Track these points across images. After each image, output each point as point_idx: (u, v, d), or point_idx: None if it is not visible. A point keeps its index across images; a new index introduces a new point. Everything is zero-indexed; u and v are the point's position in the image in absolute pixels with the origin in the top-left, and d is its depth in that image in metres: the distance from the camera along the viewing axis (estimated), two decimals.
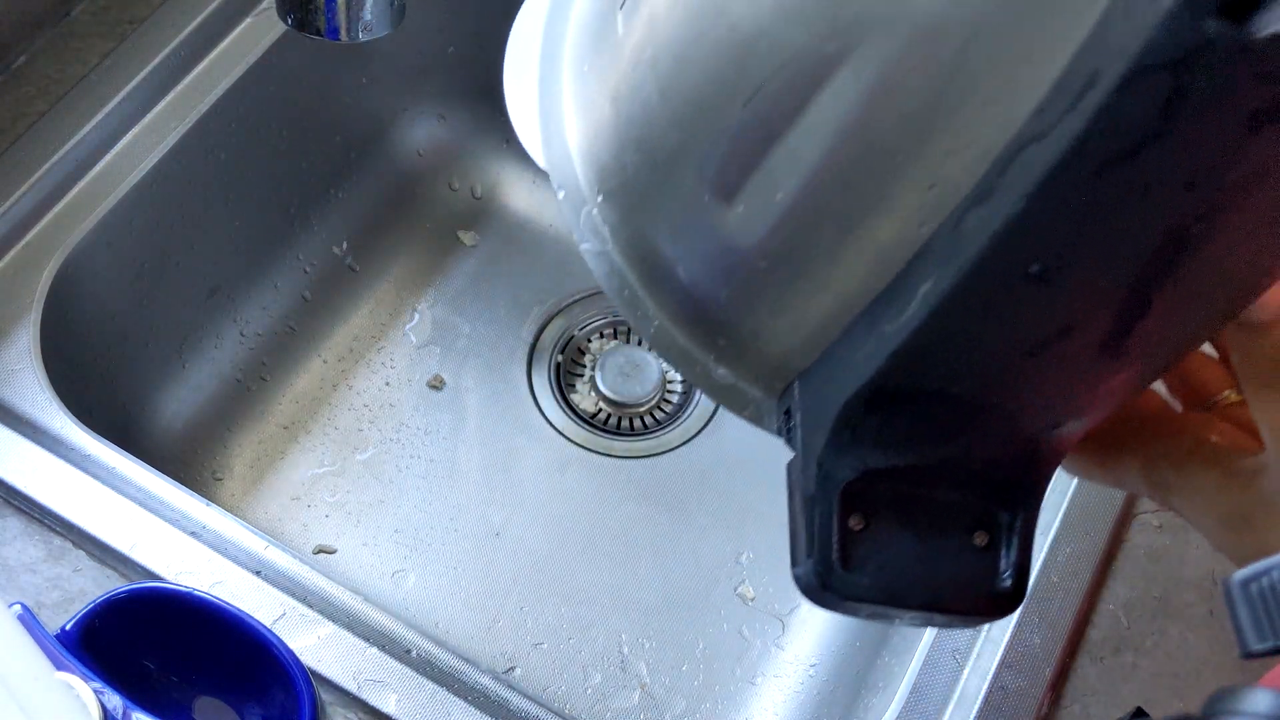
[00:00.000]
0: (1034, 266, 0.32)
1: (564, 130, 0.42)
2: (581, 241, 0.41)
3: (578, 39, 0.42)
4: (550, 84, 0.43)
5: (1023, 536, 0.38)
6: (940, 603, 0.38)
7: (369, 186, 0.90)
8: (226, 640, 0.56)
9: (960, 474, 0.38)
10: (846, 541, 0.38)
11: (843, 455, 0.37)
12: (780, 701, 0.76)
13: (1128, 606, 0.61)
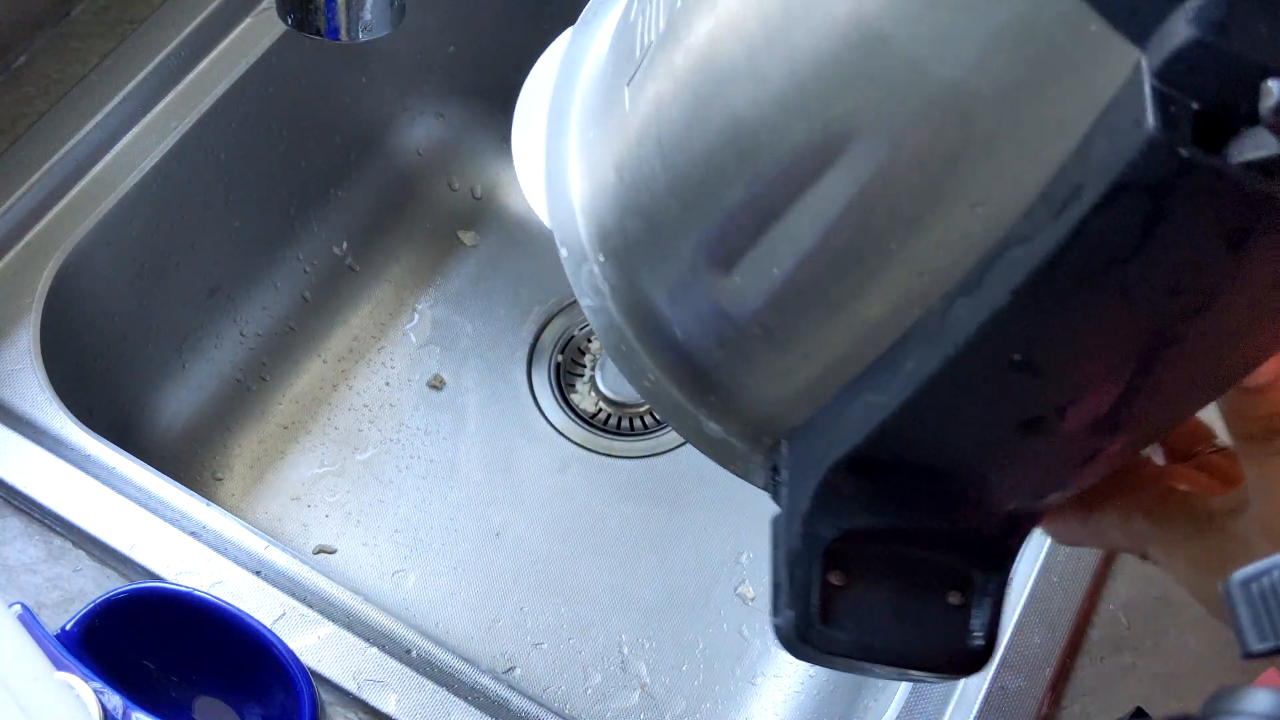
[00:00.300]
0: (1017, 356, 0.33)
1: (569, 191, 0.43)
2: (581, 297, 0.42)
3: (585, 105, 0.43)
4: (557, 144, 0.44)
5: (995, 597, 0.39)
6: (913, 660, 0.40)
7: (369, 186, 0.90)
8: (226, 640, 0.56)
9: (939, 537, 0.39)
10: (827, 597, 0.39)
11: (827, 515, 0.39)
12: (780, 701, 0.76)
13: (1128, 606, 0.61)
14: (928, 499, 0.39)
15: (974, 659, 0.40)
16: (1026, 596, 0.61)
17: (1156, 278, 0.30)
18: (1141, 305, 0.31)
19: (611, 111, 0.41)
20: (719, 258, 0.37)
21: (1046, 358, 0.33)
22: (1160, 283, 0.31)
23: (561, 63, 0.47)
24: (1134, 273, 0.30)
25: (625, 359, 0.42)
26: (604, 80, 0.42)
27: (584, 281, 0.43)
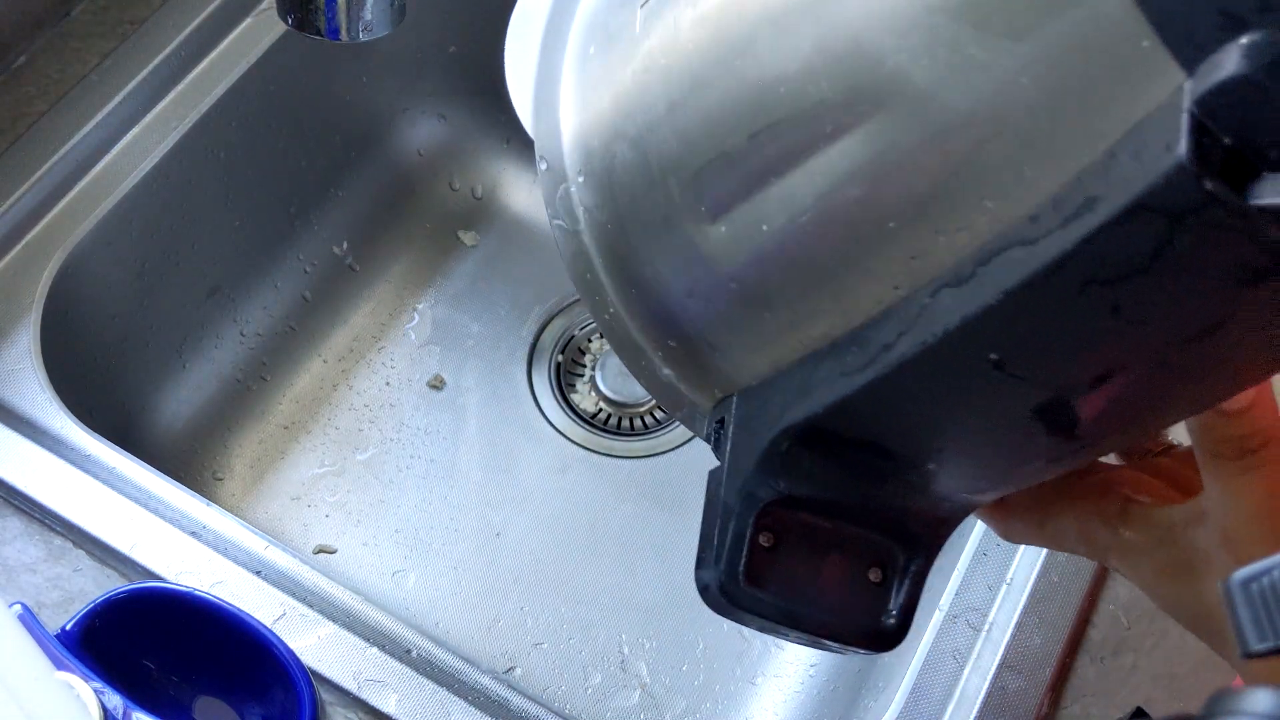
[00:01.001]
0: (994, 355, 0.33)
1: (557, 106, 0.41)
2: (554, 218, 0.41)
3: (589, 19, 0.41)
4: (551, 54, 0.42)
5: (914, 580, 0.40)
6: (827, 629, 0.40)
7: (369, 186, 0.90)
8: (226, 640, 0.56)
9: (871, 514, 0.40)
10: (754, 558, 0.40)
11: (768, 477, 0.39)
12: (780, 701, 0.76)
13: (1128, 606, 0.61)
14: (870, 478, 0.38)
15: (886, 638, 0.40)
16: (1026, 596, 0.61)
17: (1154, 302, 0.30)
18: (1133, 327, 0.31)
19: (618, 31, 0.39)
20: (709, 204, 0.36)
21: (1024, 363, 0.33)
22: (1157, 308, 0.30)
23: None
24: (1132, 293, 0.30)
25: (588, 288, 0.41)
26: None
27: (559, 201, 0.41)
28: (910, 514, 0.39)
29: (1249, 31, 0.25)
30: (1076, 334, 0.32)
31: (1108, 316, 0.31)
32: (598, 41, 0.40)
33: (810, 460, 0.38)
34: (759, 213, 0.35)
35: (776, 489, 0.39)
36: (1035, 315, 0.31)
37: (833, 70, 0.32)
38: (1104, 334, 0.31)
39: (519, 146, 0.94)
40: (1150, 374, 0.33)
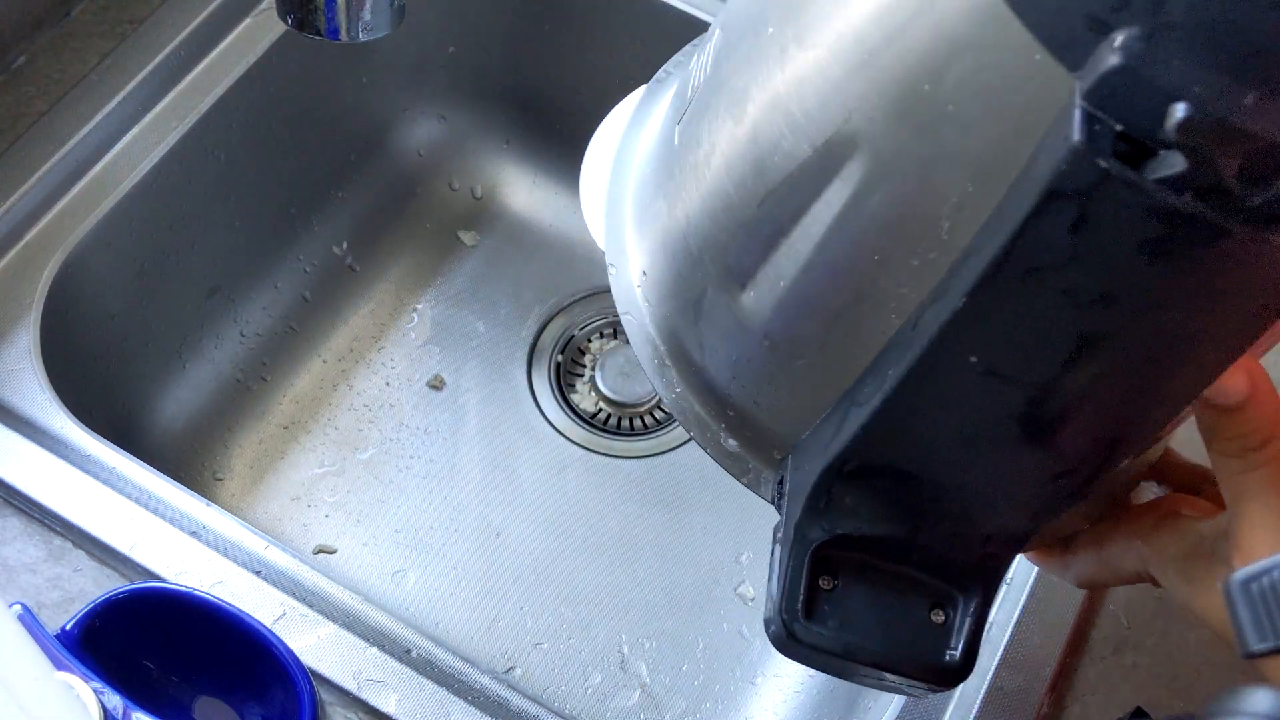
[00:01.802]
0: (973, 358, 0.36)
1: (623, 218, 0.49)
2: (622, 314, 0.47)
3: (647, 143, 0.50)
4: (619, 178, 0.51)
5: (975, 620, 0.42)
6: (891, 664, 0.42)
7: (369, 186, 0.90)
8: (226, 640, 0.56)
9: (925, 555, 0.42)
10: (813, 596, 0.42)
11: (817, 519, 0.42)
12: (780, 701, 0.76)
13: (1128, 606, 0.61)
14: (908, 509, 0.41)
15: (949, 674, 0.42)
16: (1026, 596, 0.61)
17: (1086, 284, 0.33)
18: (1074, 310, 0.34)
19: (664, 147, 0.46)
20: (737, 272, 0.42)
21: (1000, 360, 0.36)
22: (1090, 289, 0.33)
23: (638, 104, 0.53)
24: (1065, 277, 0.33)
25: (657, 371, 0.47)
26: (663, 121, 0.48)
27: (625, 297, 0.47)
28: (959, 551, 0.42)
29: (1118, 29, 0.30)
30: (1034, 323, 0.35)
31: (1053, 304, 0.34)
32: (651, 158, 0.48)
33: (851, 496, 0.41)
34: (776, 271, 0.40)
35: (826, 529, 0.42)
36: (997, 310, 0.35)
37: (810, 131, 0.37)
38: (1056, 320, 0.35)
39: (519, 147, 0.94)
40: (1113, 358, 0.36)
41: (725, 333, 0.44)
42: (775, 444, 0.45)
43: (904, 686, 0.44)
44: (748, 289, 0.42)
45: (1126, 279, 0.33)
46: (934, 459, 0.40)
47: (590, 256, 0.92)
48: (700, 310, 0.44)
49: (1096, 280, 0.33)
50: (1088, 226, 0.32)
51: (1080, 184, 0.31)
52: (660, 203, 0.46)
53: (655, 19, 0.82)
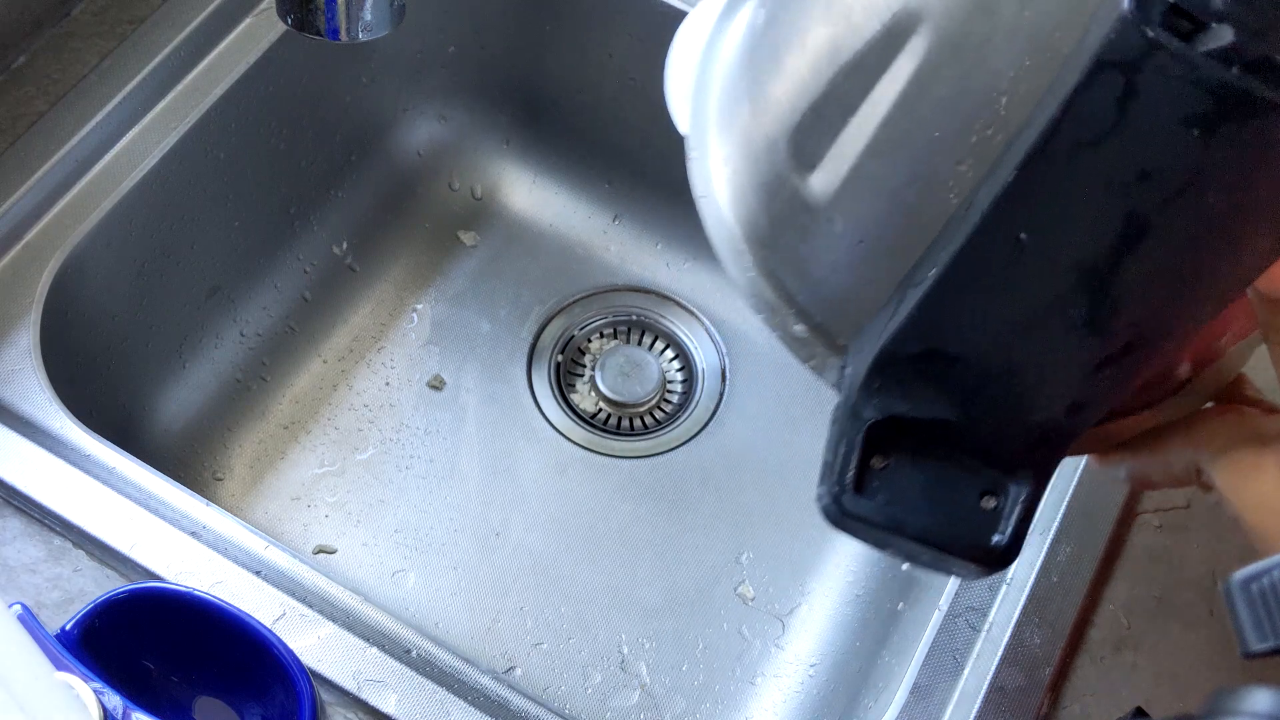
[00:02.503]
0: (1021, 234, 0.37)
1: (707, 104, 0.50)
2: (701, 196, 0.49)
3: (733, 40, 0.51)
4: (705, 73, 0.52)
5: (1025, 508, 0.43)
6: (936, 539, 0.43)
7: (369, 186, 0.90)
8: (226, 640, 0.56)
9: (976, 442, 0.43)
10: (863, 471, 0.43)
11: (872, 399, 0.43)
12: (780, 701, 0.76)
13: (1128, 606, 0.61)
14: (960, 394, 0.42)
15: (995, 554, 0.43)
16: (1026, 596, 0.61)
17: (1130, 158, 0.34)
18: (1120, 187, 0.35)
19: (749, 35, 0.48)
20: (807, 155, 0.43)
21: (1045, 238, 0.37)
22: (1133, 164, 0.34)
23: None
24: (1111, 151, 0.34)
25: (732, 255, 0.48)
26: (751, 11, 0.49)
27: (703, 182, 0.49)
28: (1010, 441, 0.43)
29: None
30: (1081, 201, 0.36)
31: (1101, 179, 0.35)
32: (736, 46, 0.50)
33: (905, 378, 0.42)
34: (842, 150, 0.42)
35: (881, 409, 0.43)
36: (1045, 186, 0.36)
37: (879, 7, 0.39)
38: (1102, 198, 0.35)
39: (519, 147, 0.94)
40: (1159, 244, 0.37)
41: (796, 216, 0.45)
42: (840, 330, 0.46)
43: (950, 566, 0.44)
44: (817, 171, 0.43)
45: (1171, 155, 0.34)
46: (983, 341, 0.41)
47: (589, 256, 0.92)
48: (774, 195, 0.46)
49: (1142, 156, 0.34)
50: (1135, 99, 0.33)
51: (1128, 54, 0.32)
52: (743, 87, 0.48)
53: (655, 19, 0.82)
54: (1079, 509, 0.63)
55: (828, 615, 0.79)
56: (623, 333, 0.90)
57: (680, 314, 0.90)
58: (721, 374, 0.88)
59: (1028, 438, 0.43)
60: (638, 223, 0.92)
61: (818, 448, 0.85)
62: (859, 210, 0.43)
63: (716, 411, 0.86)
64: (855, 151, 0.42)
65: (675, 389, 0.88)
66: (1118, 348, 0.40)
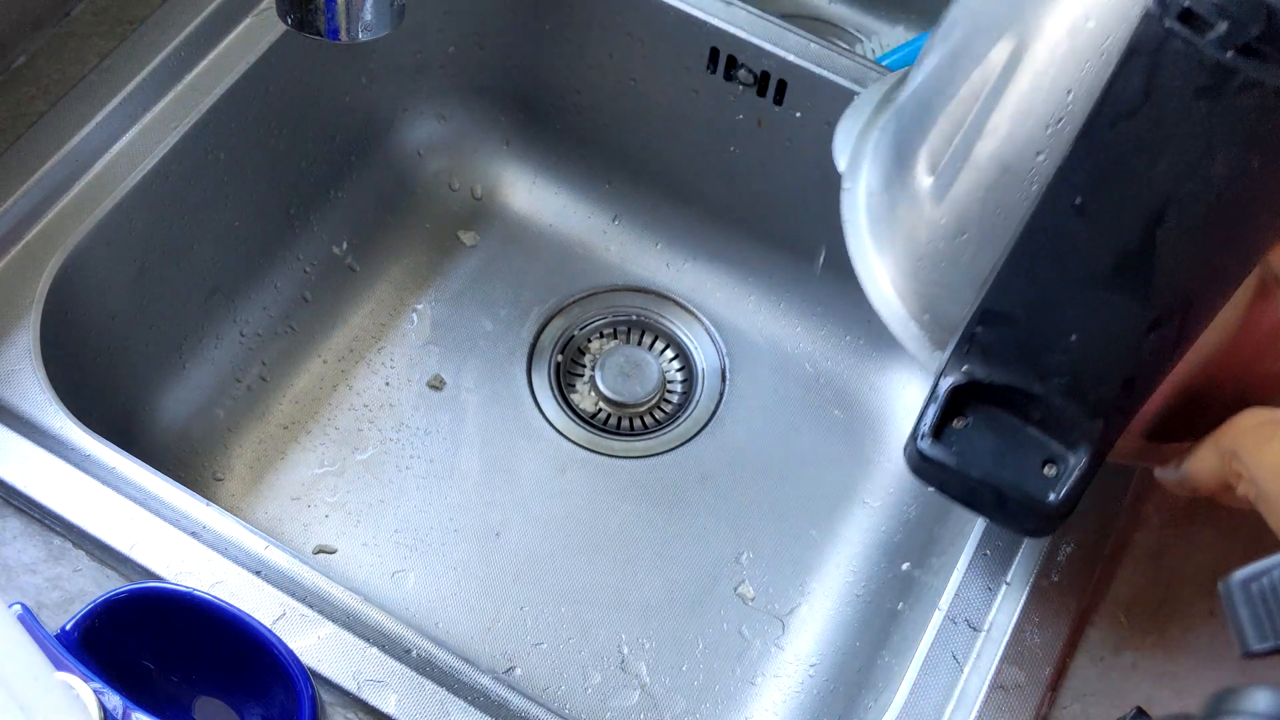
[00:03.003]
0: (1077, 199, 0.46)
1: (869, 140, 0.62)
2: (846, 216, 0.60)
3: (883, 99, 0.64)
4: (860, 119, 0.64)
5: (1080, 477, 0.51)
6: (998, 484, 0.52)
7: (369, 186, 0.90)
8: (226, 640, 0.56)
9: (1044, 411, 0.51)
10: (943, 425, 0.52)
11: (958, 364, 0.52)
12: (780, 701, 0.76)
13: (1128, 606, 0.61)
14: (1031, 360, 0.50)
15: (1047, 510, 0.51)
16: (1026, 596, 0.61)
17: (1157, 127, 0.43)
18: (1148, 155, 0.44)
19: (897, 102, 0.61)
20: (928, 164, 0.55)
21: (1097, 202, 0.46)
22: (1161, 133, 0.43)
23: None
24: (1143, 121, 0.43)
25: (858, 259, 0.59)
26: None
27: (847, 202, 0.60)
28: (1074, 409, 0.50)
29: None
30: (1124, 168, 0.45)
31: (1135, 147, 0.44)
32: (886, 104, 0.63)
33: (985, 344, 0.51)
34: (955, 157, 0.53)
35: (963, 373, 0.52)
36: (1093, 156, 0.45)
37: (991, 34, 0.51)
38: (1136, 165, 0.44)
39: (519, 147, 0.94)
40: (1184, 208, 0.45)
41: (911, 209, 0.56)
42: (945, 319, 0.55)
43: (1005, 511, 0.52)
44: (933, 177, 0.54)
45: (1188, 122, 0.43)
46: (1048, 304, 0.49)
47: (589, 256, 0.92)
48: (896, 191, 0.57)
49: (1166, 124, 0.43)
50: (1157, 76, 0.43)
51: (1152, 42, 0.42)
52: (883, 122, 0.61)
53: (655, 19, 0.82)
54: (1080, 508, 0.63)
55: (828, 615, 0.79)
56: (623, 333, 0.90)
57: (680, 314, 0.90)
58: (721, 374, 0.88)
59: (1088, 410, 0.50)
60: (638, 223, 0.92)
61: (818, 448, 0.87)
62: (960, 207, 0.53)
63: (716, 411, 0.87)
64: (963, 153, 0.52)
65: (675, 389, 0.88)
66: (1160, 310, 0.47)
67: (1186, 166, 0.43)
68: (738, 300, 0.90)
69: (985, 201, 0.52)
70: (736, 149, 0.86)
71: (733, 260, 0.91)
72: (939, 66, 0.55)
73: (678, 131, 0.88)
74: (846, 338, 0.88)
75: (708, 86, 0.83)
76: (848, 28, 0.97)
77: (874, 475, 0.84)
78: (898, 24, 0.97)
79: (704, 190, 0.90)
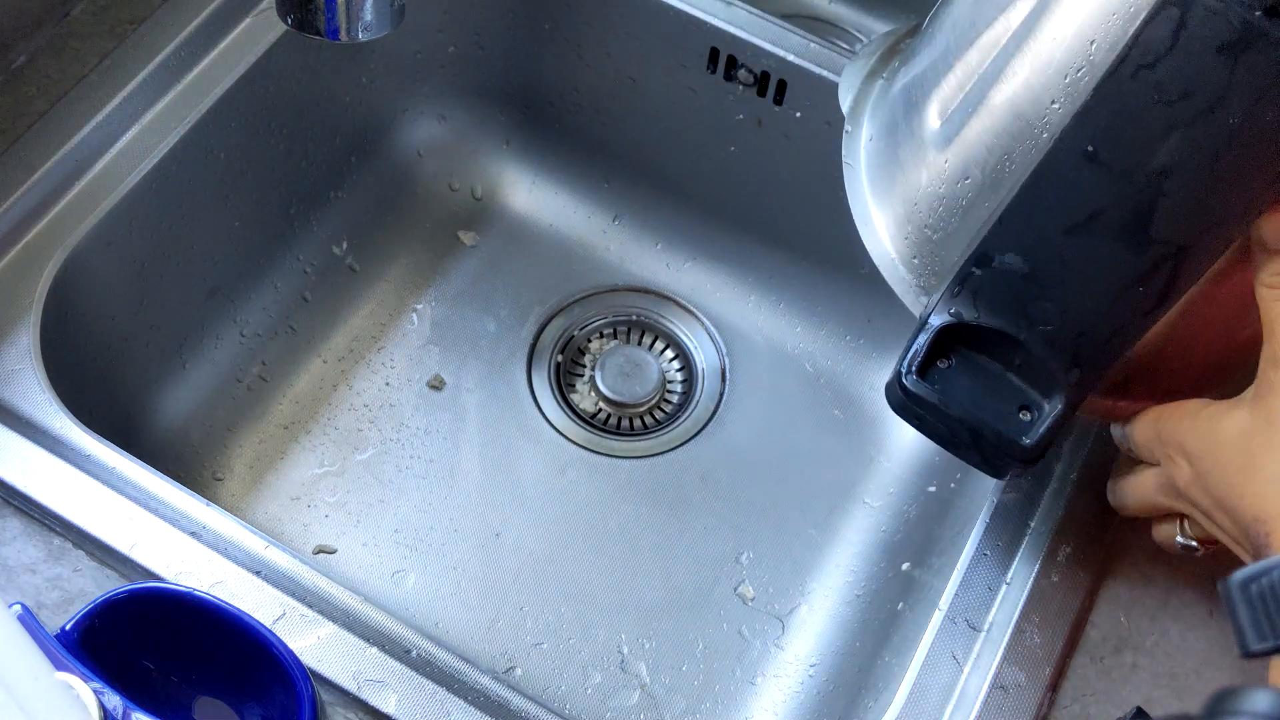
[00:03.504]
0: (1089, 146, 0.48)
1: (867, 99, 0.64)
2: (847, 163, 0.62)
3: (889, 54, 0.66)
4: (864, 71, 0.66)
5: (1053, 423, 0.53)
6: (975, 423, 0.54)
7: (369, 186, 0.90)
8: (226, 640, 0.56)
9: (1025, 360, 0.54)
10: (928, 365, 0.54)
11: (948, 305, 0.54)
12: (780, 701, 0.76)
13: (1128, 606, 0.61)
14: (1018, 305, 0.52)
15: (1020, 450, 0.54)
16: (1026, 596, 0.61)
17: (1177, 77, 0.46)
18: (1166, 105, 0.46)
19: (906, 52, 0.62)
20: (937, 108, 0.56)
21: (1108, 149, 0.48)
22: (1179, 83, 0.46)
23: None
24: (1163, 71, 0.46)
25: (854, 199, 0.61)
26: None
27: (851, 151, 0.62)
28: (1054, 358, 0.53)
29: None
30: (1137, 117, 0.47)
31: (1153, 97, 0.46)
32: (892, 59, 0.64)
33: (978, 288, 0.53)
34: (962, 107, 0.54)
35: (951, 314, 0.54)
36: (1109, 105, 0.47)
37: None
38: (1151, 113, 0.46)
39: (519, 147, 0.94)
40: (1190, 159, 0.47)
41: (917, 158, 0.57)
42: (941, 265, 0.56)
43: (981, 450, 0.55)
44: (941, 121, 0.56)
45: (1207, 75, 0.45)
46: (1044, 250, 0.51)
47: (589, 256, 0.92)
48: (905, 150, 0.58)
49: (1186, 75, 0.46)
50: (1185, 29, 0.45)
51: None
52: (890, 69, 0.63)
53: (655, 19, 0.82)
54: (1078, 508, 0.63)
55: (827, 615, 0.79)
56: (623, 333, 0.90)
57: (680, 314, 0.90)
58: (721, 374, 0.88)
59: (1067, 360, 0.52)
60: (638, 223, 0.92)
61: (818, 447, 0.87)
62: (968, 152, 0.54)
63: (716, 411, 0.87)
64: (970, 104, 0.54)
65: (675, 389, 0.88)
66: (1151, 263, 0.49)
67: (1200, 117, 0.45)
68: (738, 300, 0.90)
69: (993, 147, 0.53)
70: (736, 149, 0.86)
71: (733, 260, 0.91)
72: (960, 15, 0.56)
73: (677, 131, 0.88)
74: (846, 338, 0.88)
75: (707, 86, 0.83)
76: (848, 28, 0.97)
77: (874, 475, 0.84)
78: (897, 24, 0.97)
79: (704, 190, 0.90)
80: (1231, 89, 0.45)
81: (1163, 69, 0.45)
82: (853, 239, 0.70)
